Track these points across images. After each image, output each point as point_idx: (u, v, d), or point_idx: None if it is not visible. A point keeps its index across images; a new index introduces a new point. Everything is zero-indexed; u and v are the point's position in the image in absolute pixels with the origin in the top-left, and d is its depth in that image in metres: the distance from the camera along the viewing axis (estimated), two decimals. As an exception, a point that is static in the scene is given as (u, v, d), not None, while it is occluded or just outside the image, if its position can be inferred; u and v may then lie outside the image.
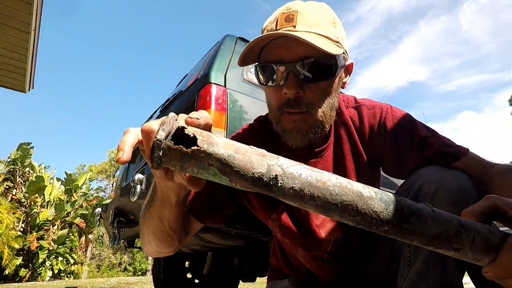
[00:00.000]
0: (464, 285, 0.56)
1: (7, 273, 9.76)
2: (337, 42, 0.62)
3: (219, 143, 0.33)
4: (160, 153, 0.31)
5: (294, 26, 0.60)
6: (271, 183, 0.33)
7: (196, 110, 1.57)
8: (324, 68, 0.61)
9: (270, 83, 0.64)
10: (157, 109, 2.11)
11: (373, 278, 0.74)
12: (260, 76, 0.65)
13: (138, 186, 1.34)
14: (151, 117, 2.13)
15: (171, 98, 1.85)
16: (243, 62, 0.67)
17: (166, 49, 59.35)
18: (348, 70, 0.71)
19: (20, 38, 3.06)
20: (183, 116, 0.36)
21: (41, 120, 47.26)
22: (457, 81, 62.47)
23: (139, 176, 1.36)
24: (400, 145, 0.69)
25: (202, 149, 0.32)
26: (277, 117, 0.65)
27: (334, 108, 0.67)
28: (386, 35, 61.68)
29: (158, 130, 0.31)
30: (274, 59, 0.62)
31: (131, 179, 1.38)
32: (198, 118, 0.36)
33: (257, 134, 0.76)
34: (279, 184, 0.33)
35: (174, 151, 0.31)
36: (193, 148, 0.32)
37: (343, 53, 0.63)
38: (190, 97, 1.49)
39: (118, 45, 54.67)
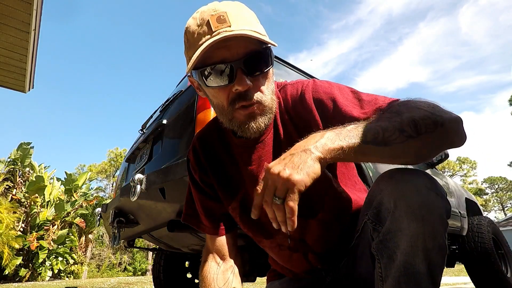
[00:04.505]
0: (464, 285, 0.55)
1: (7, 273, 9.76)
2: (265, 35, 0.66)
3: None
4: None
5: (230, 26, 0.62)
6: None
7: (196, 110, 1.56)
8: (263, 59, 0.66)
9: (218, 84, 0.65)
10: (157, 109, 2.11)
11: (365, 280, 0.72)
12: (204, 79, 0.65)
13: (138, 186, 1.34)
14: (151, 117, 2.13)
15: (171, 98, 1.85)
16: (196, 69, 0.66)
17: (165, 49, 59.45)
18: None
19: (20, 38, 3.06)
20: None
21: (41, 120, 47.37)
22: (457, 82, 62.26)
23: (139, 176, 1.36)
24: (323, 113, 0.70)
25: None
26: (229, 114, 0.68)
27: (274, 92, 0.73)
28: (386, 36, 61.50)
29: None
30: (217, 61, 0.63)
31: (131, 179, 1.38)
32: None
33: (204, 149, 0.83)
34: None
35: None
36: None
37: None
38: (190, 96, 1.49)
39: (118, 45, 54.77)
